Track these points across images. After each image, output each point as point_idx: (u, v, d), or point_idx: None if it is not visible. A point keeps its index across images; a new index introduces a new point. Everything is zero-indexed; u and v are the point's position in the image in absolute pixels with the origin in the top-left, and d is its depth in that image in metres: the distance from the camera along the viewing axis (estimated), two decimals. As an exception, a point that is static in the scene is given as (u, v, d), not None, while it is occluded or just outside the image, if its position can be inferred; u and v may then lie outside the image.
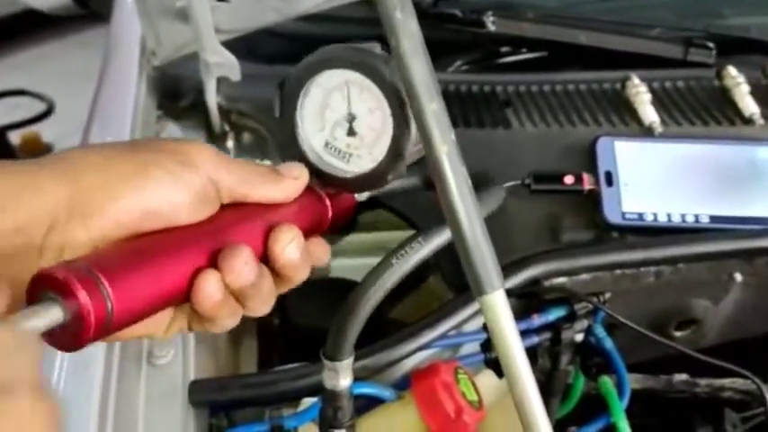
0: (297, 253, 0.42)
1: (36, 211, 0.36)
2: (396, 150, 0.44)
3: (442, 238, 0.49)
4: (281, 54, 0.92)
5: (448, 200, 0.35)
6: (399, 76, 0.36)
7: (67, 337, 0.34)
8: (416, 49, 0.34)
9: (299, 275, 0.44)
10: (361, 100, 0.45)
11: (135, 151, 0.40)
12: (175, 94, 0.91)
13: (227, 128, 0.90)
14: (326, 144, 0.46)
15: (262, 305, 0.42)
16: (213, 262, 0.39)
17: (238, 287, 0.40)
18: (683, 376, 0.82)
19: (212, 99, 0.83)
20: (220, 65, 0.79)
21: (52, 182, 0.36)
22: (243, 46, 0.91)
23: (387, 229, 1.00)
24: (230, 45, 0.83)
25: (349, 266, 0.95)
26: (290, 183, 0.44)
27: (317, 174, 0.47)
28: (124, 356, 0.60)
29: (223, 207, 0.42)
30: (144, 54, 0.90)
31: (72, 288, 0.33)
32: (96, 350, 0.58)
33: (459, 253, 0.36)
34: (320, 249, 0.47)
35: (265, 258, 0.42)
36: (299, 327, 0.81)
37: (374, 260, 0.98)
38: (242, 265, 0.39)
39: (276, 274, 0.42)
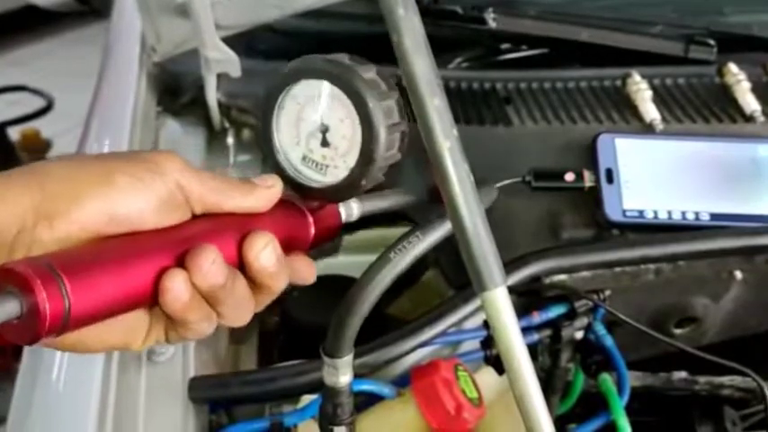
0: (272, 259, 0.42)
1: (5, 218, 0.37)
2: (366, 156, 0.44)
3: (440, 232, 0.49)
4: (280, 51, 0.91)
5: (450, 196, 0.35)
6: (401, 72, 0.36)
7: (23, 331, 0.35)
8: (419, 46, 0.34)
9: (277, 284, 0.43)
10: (331, 110, 0.45)
11: (102, 160, 0.41)
12: (175, 90, 0.91)
13: (226, 124, 0.90)
14: (304, 158, 0.47)
15: (236, 312, 0.42)
16: (180, 263, 0.40)
17: (207, 288, 0.40)
18: (683, 374, 0.82)
19: (212, 95, 0.83)
20: (221, 61, 0.78)
21: (20, 191, 0.38)
22: (241, 43, 0.91)
23: (386, 226, 1.00)
24: (228, 42, 0.83)
25: (348, 263, 0.95)
26: (263, 192, 0.45)
27: (296, 187, 0.47)
28: (123, 353, 0.60)
29: (195, 217, 0.42)
30: (144, 50, 0.90)
31: (30, 282, 0.34)
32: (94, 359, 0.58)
33: (461, 249, 0.36)
34: (305, 267, 0.47)
35: (241, 266, 0.42)
36: (299, 324, 0.81)
37: (371, 258, 0.98)
38: (209, 264, 0.39)
39: (253, 283, 0.43)
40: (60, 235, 0.38)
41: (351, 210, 0.50)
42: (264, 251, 0.42)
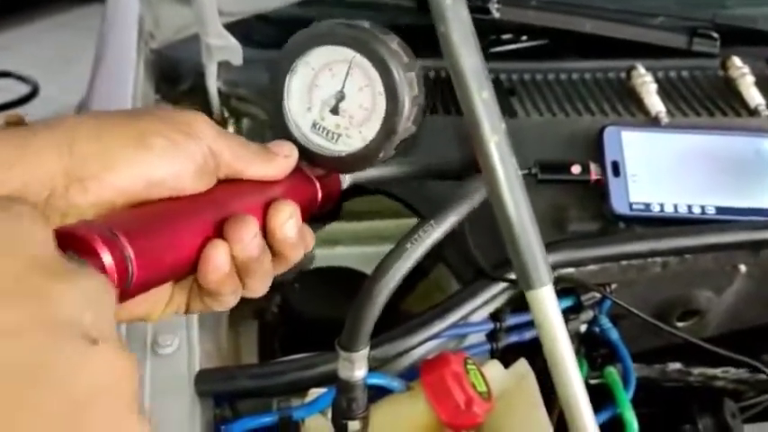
0: (294, 229, 0.42)
1: (32, 180, 0.35)
2: (388, 128, 0.43)
3: (453, 219, 0.48)
4: (274, 40, 0.90)
5: (497, 193, 0.34)
6: (447, 63, 0.35)
7: None
8: (467, 37, 0.33)
9: (295, 254, 0.43)
10: (351, 78, 0.44)
11: (135, 119, 0.39)
12: (174, 77, 0.90)
13: (226, 113, 0.89)
14: (314, 125, 0.46)
15: (261, 284, 0.42)
16: (220, 233, 0.39)
17: (244, 260, 0.39)
18: (677, 365, 0.83)
19: (213, 84, 0.81)
20: (222, 48, 0.77)
21: (47, 150, 0.35)
22: (236, 32, 0.90)
23: (383, 218, 0.99)
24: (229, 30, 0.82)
25: (346, 255, 0.95)
26: (281, 160, 0.44)
27: (305, 154, 0.46)
28: (128, 346, 0.59)
29: (219, 182, 0.41)
30: (141, 36, 0.88)
31: (94, 247, 0.32)
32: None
33: (508, 246, 0.35)
34: (308, 234, 0.46)
35: (263, 235, 0.42)
36: (301, 316, 0.80)
37: (371, 249, 0.97)
38: (251, 237, 0.39)
39: (272, 252, 0.42)
40: (95, 199, 0.36)
41: (357, 175, 0.50)
42: (289, 221, 0.42)
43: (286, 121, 0.46)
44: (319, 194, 0.47)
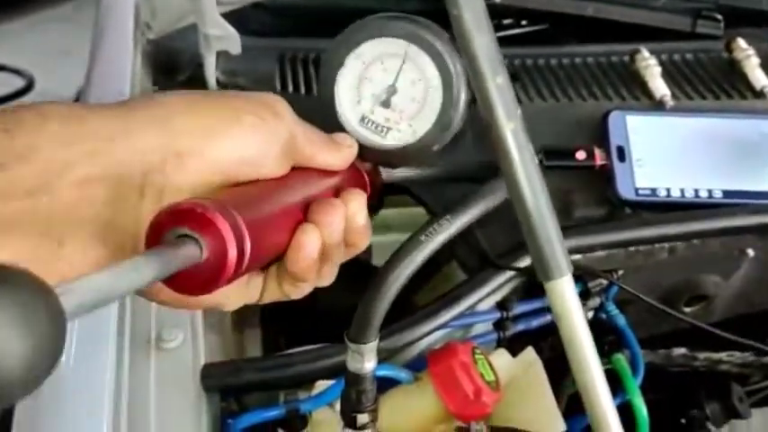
0: (365, 218, 0.42)
1: (130, 155, 0.34)
2: (444, 122, 0.43)
3: (471, 215, 0.48)
4: (271, 28, 0.89)
5: (513, 181, 0.33)
6: (460, 48, 0.34)
7: (200, 279, 0.32)
8: (480, 21, 0.33)
9: (363, 243, 0.43)
10: (403, 71, 0.44)
11: (225, 97, 0.39)
12: (171, 68, 0.88)
13: (225, 104, 0.88)
14: (363, 118, 0.46)
15: (333, 272, 0.42)
16: (306, 217, 0.39)
17: (330, 245, 0.39)
18: (682, 350, 0.82)
19: (212, 74, 0.80)
20: (220, 38, 0.76)
21: (146, 124, 0.35)
22: (235, 20, 0.88)
23: (387, 207, 0.98)
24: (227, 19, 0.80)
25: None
26: (346, 150, 0.44)
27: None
28: (132, 341, 0.59)
29: (291, 168, 0.41)
30: (138, 27, 0.87)
31: (216, 223, 0.31)
32: (107, 333, 0.56)
33: (526, 237, 0.35)
34: (370, 224, 0.46)
35: None
36: (306, 307, 0.80)
37: (376, 239, 0.96)
38: (339, 220, 0.39)
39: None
40: (192, 177, 0.35)
41: (390, 173, 0.50)
42: (362, 210, 0.42)
43: (335, 114, 0.46)
44: (368, 188, 0.47)
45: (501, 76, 0.33)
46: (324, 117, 0.45)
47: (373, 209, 0.47)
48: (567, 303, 0.34)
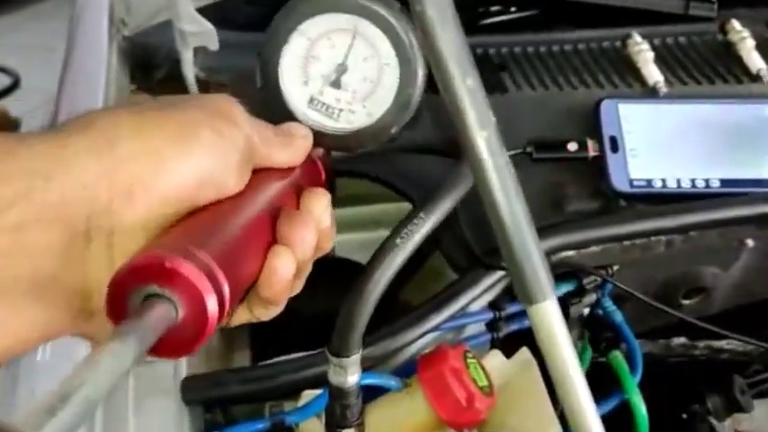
0: (329, 219, 0.39)
1: (71, 194, 0.29)
2: (402, 101, 0.41)
3: (444, 207, 0.45)
4: (255, 21, 0.86)
5: (489, 196, 0.31)
6: (424, 46, 0.32)
7: (180, 341, 0.28)
8: (446, 17, 0.30)
9: (329, 245, 0.40)
10: (353, 48, 0.41)
11: (173, 110, 0.34)
12: (149, 65, 0.86)
13: (205, 101, 0.85)
14: (311, 100, 0.43)
15: (302, 283, 0.39)
16: (275, 235, 0.36)
17: (303, 261, 0.36)
18: (681, 339, 0.80)
19: (190, 71, 0.77)
20: (197, 34, 0.73)
21: (85, 155, 0.30)
22: (213, 14, 0.86)
23: (377, 202, 0.96)
24: (201, 13, 0.78)
25: (340, 242, 0.91)
26: (300, 142, 0.41)
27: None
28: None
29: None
30: (113, 23, 0.84)
31: (186, 274, 0.27)
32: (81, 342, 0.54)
33: (505, 256, 0.32)
34: (334, 221, 0.44)
35: None
36: (294, 312, 0.77)
37: (365, 235, 0.94)
38: (311, 236, 0.36)
39: None
40: (147, 212, 0.30)
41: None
42: (327, 211, 0.39)
43: (281, 98, 0.43)
44: (323, 176, 0.45)
45: (471, 78, 0.30)
46: (268, 101, 0.43)
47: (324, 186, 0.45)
48: (553, 329, 0.32)
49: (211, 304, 0.28)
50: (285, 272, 0.34)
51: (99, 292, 0.29)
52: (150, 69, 0.86)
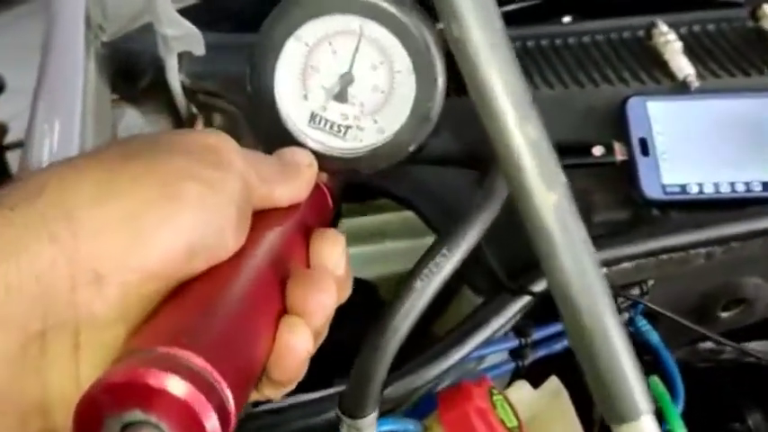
0: (344, 265, 0.34)
1: (20, 285, 0.22)
2: (419, 114, 0.36)
3: (471, 240, 0.40)
4: (245, 22, 0.79)
5: (559, 279, 0.25)
6: (466, 81, 0.25)
7: None
8: (497, 44, 0.23)
9: (346, 294, 0.35)
10: (360, 54, 0.36)
11: (148, 158, 0.27)
12: (132, 73, 0.79)
13: (194, 110, 0.78)
14: (313, 117, 0.38)
15: (315, 348, 0.32)
16: (286, 303, 0.29)
17: (320, 328, 0.30)
18: (708, 344, 0.75)
19: (175, 79, 0.71)
20: (180, 38, 0.67)
21: (35, 233, 0.23)
22: (201, 14, 0.80)
23: (379, 212, 0.90)
24: (188, 13, 0.71)
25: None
26: (305, 172, 0.35)
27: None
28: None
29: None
30: (90, 29, 0.78)
31: (178, 396, 0.21)
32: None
33: (581, 363, 0.26)
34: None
35: None
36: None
37: (370, 248, 0.86)
38: (330, 301, 0.30)
39: None
40: (119, 300, 0.24)
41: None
42: (342, 257, 0.33)
43: (277, 115, 0.38)
44: (330, 203, 0.39)
45: (533, 125, 0.24)
46: (262, 120, 0.37)
47: (334, 222, 0.39)
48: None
49: (211, 425, 0.22)
50: (301, 349, 0.28)
51: (62, 408, 0.23)
52: (133, 77, 0.79)
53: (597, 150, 0.64)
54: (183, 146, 0.29)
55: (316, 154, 0.38)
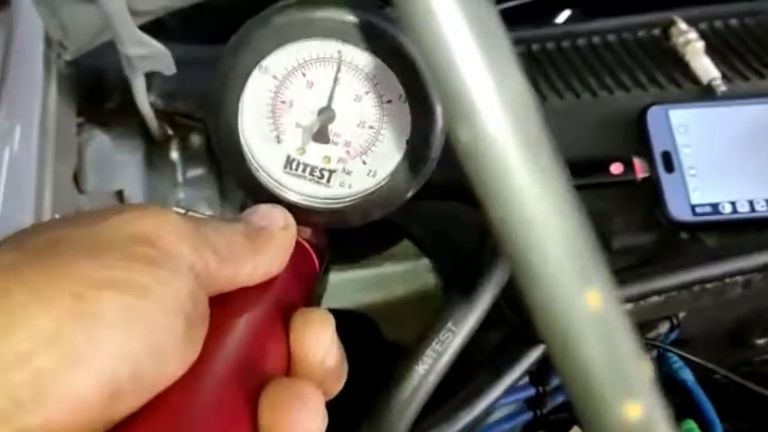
0: (336, 354, 0.28)
1: None
2: (417, 152, 0.30)
3: (479, 310, 0.34)
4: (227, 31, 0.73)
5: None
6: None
7: None
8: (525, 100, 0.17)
9: (338, 387, 0.29)
10: (340, 84, 0.31)
11: (55, 259, 0.20)
12: (99, 93, 0.72)
13: (169, 131, 0.72)
14: (289, 162, 0.32)
15: None
16: (261, 421, 0.24)
17: None
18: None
19: (144, 101, 0.64)
20: (146, 58, 0.60)
21: None
22: (179, 24, 0.73)
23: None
24: (162, 24, 0.65)
25: (338, 282, 0.79)
26: (280, 238, 0.28)
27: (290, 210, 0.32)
28: None
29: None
30: (51, 48, 0.71)
31: None
32: None
33: None
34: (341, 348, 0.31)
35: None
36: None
37: (366, 272, 0.79)
38: (316, 423, 0.24)
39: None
40: None
41: None
42: (333, 344, 0.27)
43: (245, 163, 0.31)
44: (317, 264, 0.33)
45: (596, 286, 0.17)
46: (229, 167, 0.31)
47: (321, 279, 0.33)
48: None
49: None
50: None
51: None
52: (101, 98, 0.73)
53: (615, 168, 0.57)
54: (101, 239, 0.22)
55: (295, 207, 0.32)
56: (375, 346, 0.67)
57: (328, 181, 0.32)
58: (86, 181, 0.68)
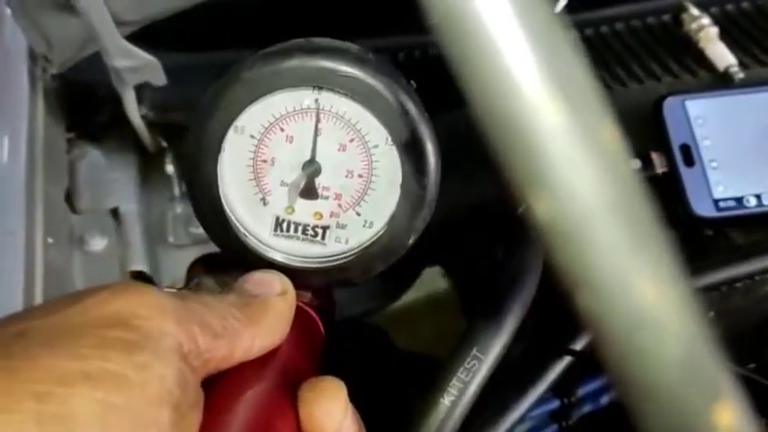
0: (352, 426, 0.26)
1: None
2: (413, 197, 0.28)
3: (505, 335, 0.31)
4: (222, 38, 0.70)
5: None
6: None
7: None
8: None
9: None
10: (321, 135, 0.29)
11: (19, 355, 0.18)
12: (87, 107, 0.70)
13: (163, 143, 0.69)
14: (278, 223, 0.30)
15: None
16: None
17: None
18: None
19: (135, 114, 0.62)
20: (135, 69, 0.57)
21: None
22: (168, 31, 0.70)
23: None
24: (152, 30, 0.62)
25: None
26: (278, 308, 0.26)
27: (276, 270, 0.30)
28: None
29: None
30: (36, 62, 0.68)
31: None
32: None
33: None
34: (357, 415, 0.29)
35: None
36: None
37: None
38: None
39: None
40: None
41: None
42: (347, 414, 0.25)
43: (231, 230, 0.29)
44: (321, 327, 0.31)
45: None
46: (213, 235, 0.28)
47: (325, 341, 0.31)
48: None
49: None
50: None
51: None
52: (91, 112, 0.70)
53: (632, 164, 0.54)
54: (71, 326, 0.19)
55: (290, 270, 0.29)
56: (388, 359, 0.65)
57: (323, 238, 0.30)
58: (80, 200, 0.65)
